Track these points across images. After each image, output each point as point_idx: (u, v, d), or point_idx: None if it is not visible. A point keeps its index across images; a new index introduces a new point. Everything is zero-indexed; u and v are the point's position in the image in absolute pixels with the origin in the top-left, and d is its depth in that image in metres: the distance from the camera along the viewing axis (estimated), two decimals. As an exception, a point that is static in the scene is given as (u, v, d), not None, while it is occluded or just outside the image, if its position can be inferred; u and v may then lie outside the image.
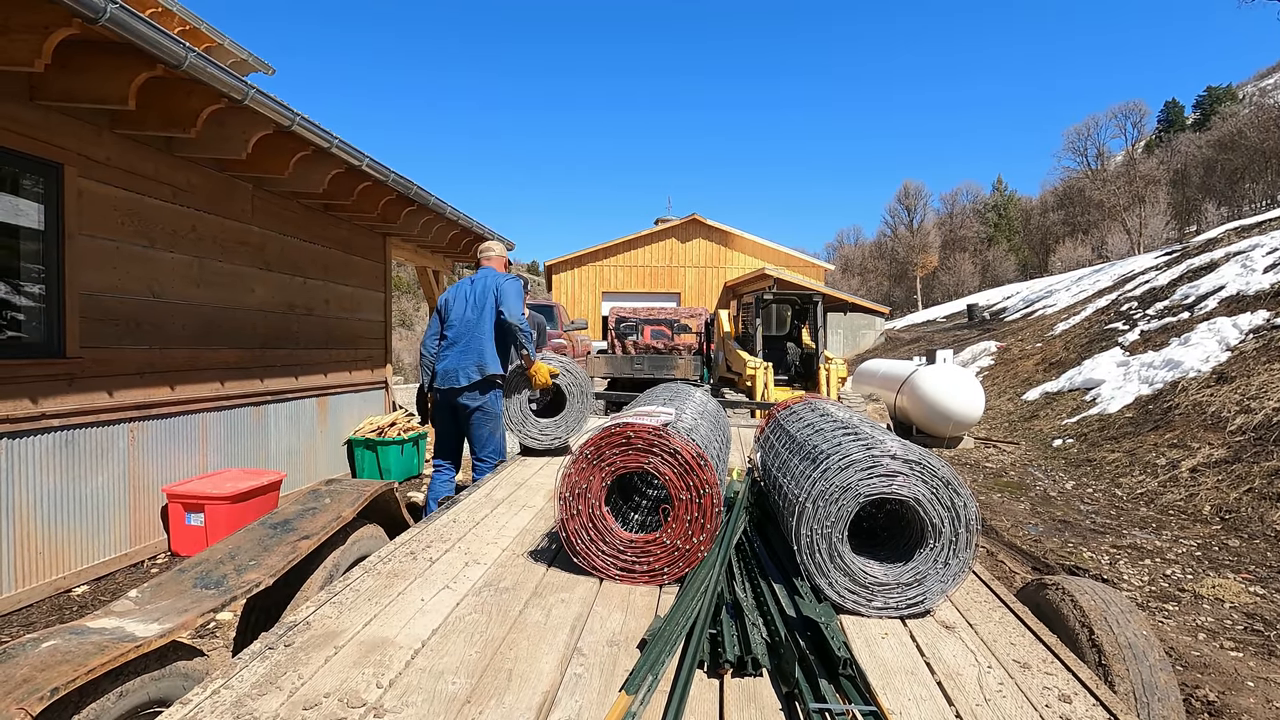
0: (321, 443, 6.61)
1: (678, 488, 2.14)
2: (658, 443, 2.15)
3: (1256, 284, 10.81)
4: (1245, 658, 3.44)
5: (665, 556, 2.14)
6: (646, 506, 2.56)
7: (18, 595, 3.64)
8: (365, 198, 6.17)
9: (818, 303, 10.68)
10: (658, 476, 2.17)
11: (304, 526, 2.30)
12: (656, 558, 2.15)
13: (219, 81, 3.80)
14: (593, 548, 2.20)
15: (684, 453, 2.13)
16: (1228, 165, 40.64)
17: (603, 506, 2.20)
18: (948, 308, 38.72)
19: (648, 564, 2.16)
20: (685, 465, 2.13)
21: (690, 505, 2.12)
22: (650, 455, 2.15)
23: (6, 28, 3.10)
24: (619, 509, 2.44)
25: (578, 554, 2.21)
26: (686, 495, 2.13)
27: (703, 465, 2.13)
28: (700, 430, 2.52)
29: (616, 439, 2.18)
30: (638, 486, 2.68)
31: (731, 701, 1.51)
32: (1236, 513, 5.73)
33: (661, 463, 2.14)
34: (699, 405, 3.06)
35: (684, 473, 2.14)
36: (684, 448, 2.14)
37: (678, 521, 2.14)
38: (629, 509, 2.50)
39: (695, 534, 2.13)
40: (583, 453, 2.21)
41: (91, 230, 4.04)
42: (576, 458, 2.21)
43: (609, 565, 2.19)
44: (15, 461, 3.63)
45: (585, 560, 2.20)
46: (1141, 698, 1.75)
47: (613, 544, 2.19)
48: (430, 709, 1.45)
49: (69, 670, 1.38)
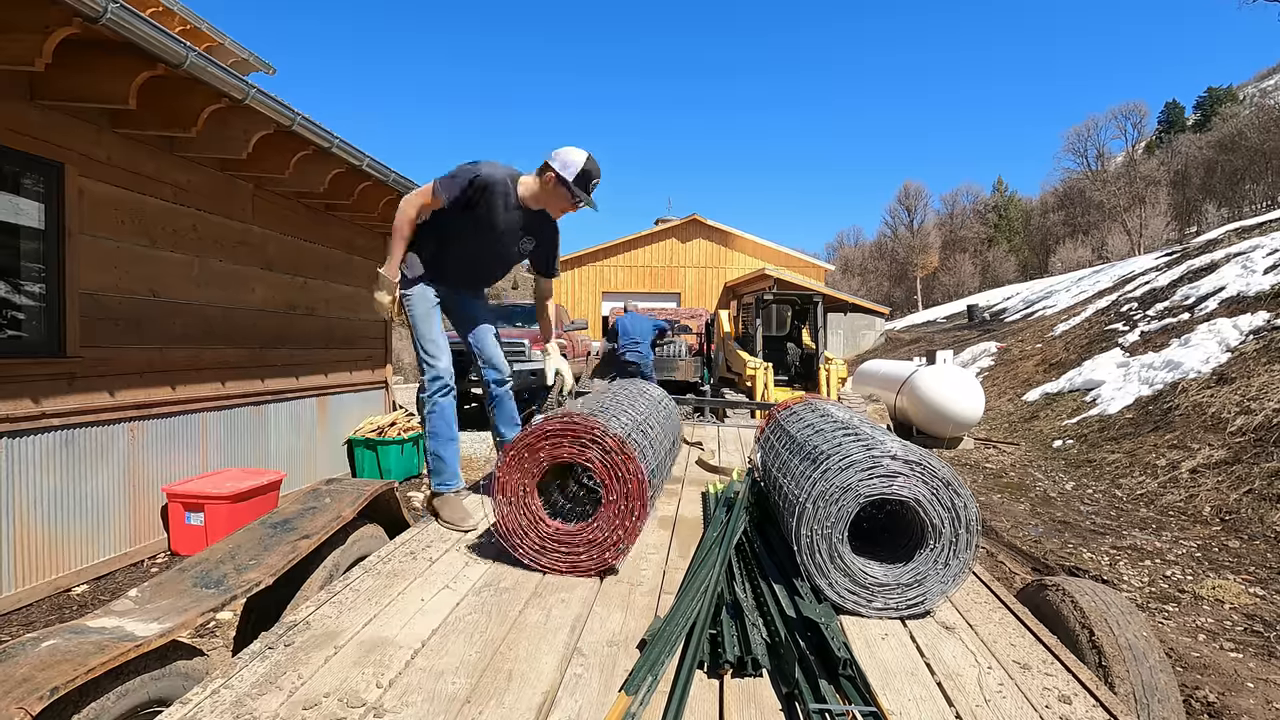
0: (321, 442, 6.61)
1: (606, 476, 2.20)
2: (584, 434, 2.21)
3: (1257, 285, 10.81)
4: (1245, 659, 3.44)
5: (596, 547, 2.21)
6: (588, 498, 2.67)
7: (18, 594, 3.64)
8: (366, 197, 6.17)
9: (818, 303, 10.68)
10: (588, 466, 2.23)
11: (304, 526, 2.30)
12: (589, 546, 2.23)
13: (220, 81, 3.80)
14: (525, 540, 2.26)
15: (607, 441, 2.19)
16: (1228, 166, 40.62)
17: (535, 498, 2.27)
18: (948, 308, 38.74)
19: (581, 553, 2.23)
20: (611, 454, 2.19)
21: (618, 493, 2.18)
22: (575, 445, 2.21)
23: (8, 27, 3.10)
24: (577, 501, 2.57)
25: (513, 546, 2.28)
26: (615, 484, 2.19)
27: (628, 453, 2.18)
28: (637, 421, 2.58)
29: (542, 433, 2.25)
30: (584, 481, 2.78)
31: (731, 702, 1.51)
32: (1236, 514, 5.73)
33: (592, 453, 2.20)
34: (646, 400, 3.09)
35: (611, 462, 2.20)
36: (604, 435, 2.19)
37: (608, 510, 2.20)
38: (588, 502, 2.61)
39: (626, 521, 2.19)
40: (510, 449, 2.28)
41: (92, 230, 4.04)
42: (506, 455, 2.28)
43: (542, 556, 2.26)
44: (15, 461, 3.63)
45: (522, 553, 2.27)
46: (1141, 699, 1.75)
47: (544, 535, 2.25)
48: (430, 709, 1.44)
49: (69, 669, 1.38)
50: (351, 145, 5.20)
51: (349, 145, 5.17)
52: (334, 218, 6.67)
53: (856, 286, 59.64)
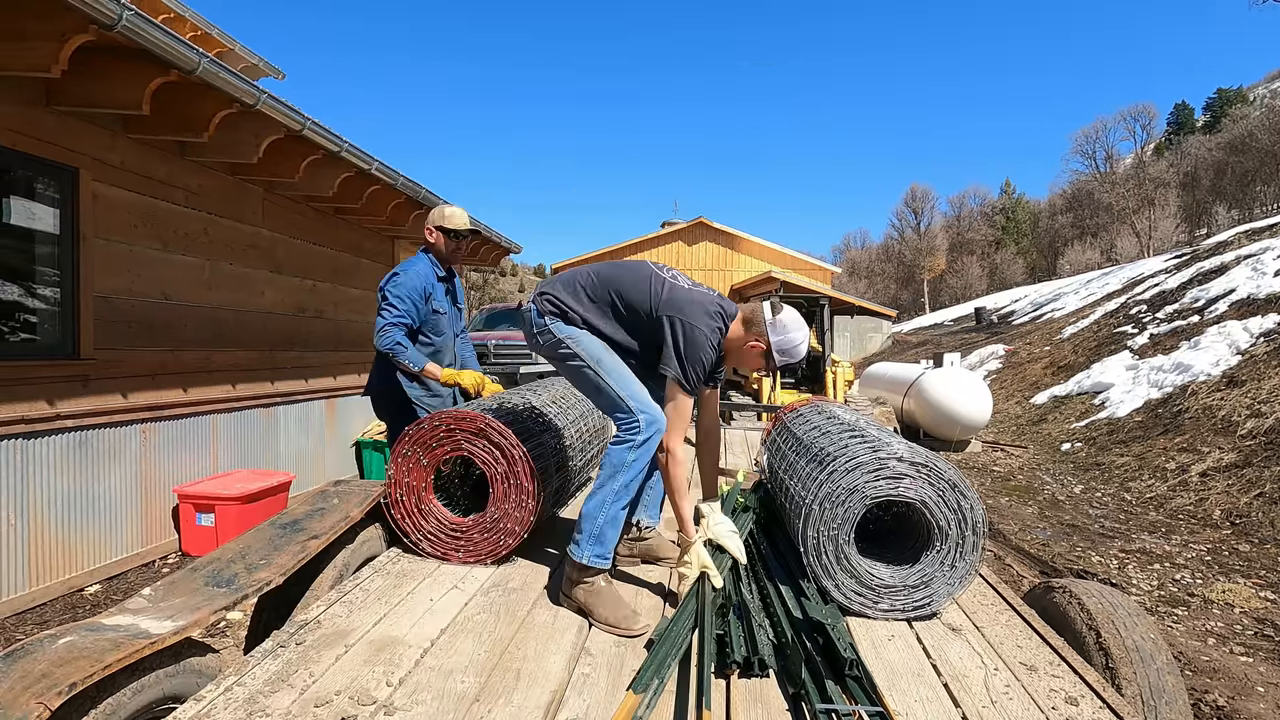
0: (330, 444, 6.65)
1: (492, 467, 2.27)
2: (457, 427, 2.30)
3: (1268, 287, 10.72)
4: (1255, 663, 3.42)
5: (494, 533, 2.31)
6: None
7: (32, 594, 3.68)
8: (374, 201, 6.21)
9: (824, 306, 10.66)
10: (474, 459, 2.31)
11: (313, 526, 2.32)
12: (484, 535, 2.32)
13: (231, 86, 3.84)
14: (433, 537, 2.36)
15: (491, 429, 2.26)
16: (1238, 168, 40.34)
17: (430, 494, 2.36)
18: (955, 311, 38.58)
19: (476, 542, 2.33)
20: (490, 441, 2.27)
21: (507, 483, 2.27)
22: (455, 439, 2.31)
23: (26, 34, 3.15)
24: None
25: (410, 539, 2.37)
26: (500, 468, 2.27)
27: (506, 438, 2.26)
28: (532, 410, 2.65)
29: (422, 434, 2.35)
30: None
31: (738, 702, 1.52)
32: (1247, 517, 5.69)
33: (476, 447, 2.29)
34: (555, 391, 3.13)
35: (492, 448, 2.28)
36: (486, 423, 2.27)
37: (499, 495, 2.28)
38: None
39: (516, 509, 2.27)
40: (399, 449, 2.37)
41: (106, 233, 4.09)
42: (394, 455, 2.38)
43: (440, 546, 2.35)
44: (31, 462, 3.67)
45: (417, 545, 2.37)
46: (1149, 701, 1.75)
47: (441, 527, 2.35)
48: (440, 707, 1.46)
49: (86, 666, 1.40)
50: (360, 149, 5.24)
51: (358, 149, 5.21)
52: (343, 221, 6.71)
53: (863, 289, 59.51)
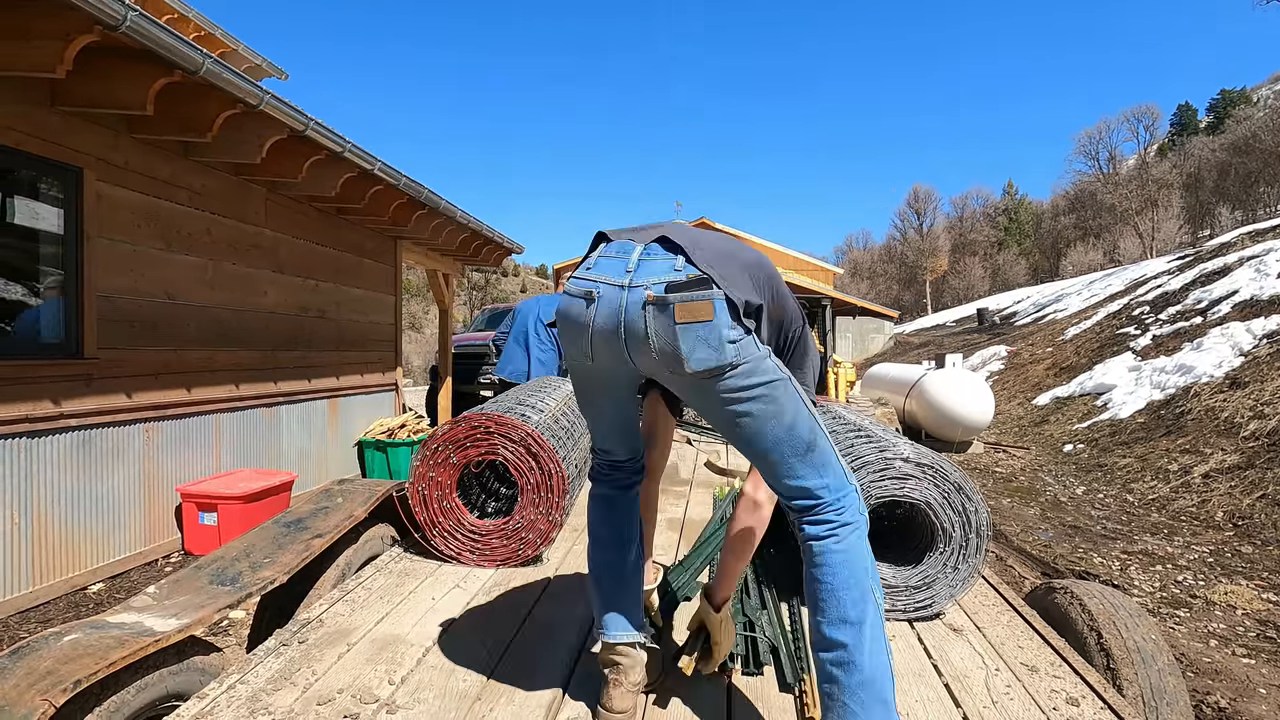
0: (333, 444, 6.66)
1: (525, 476, 2.25)
2: (496, 431, 2.26)
3: (1271, 288, 10.70)
4: (1257, 664, 3.41)
5: (513, 540, 2.29)
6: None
7: (35, 592, 3.70)
8: (377, 201, 6.22)
9: (826, 306, 10.64)
10: (504, 463, 2.28)
11: (316, 525, 2.33)
12: (504, 542, 2.30)
13: (235, 87, 3.85)
14: (449, 536, 2.34)
15: (531, 439, 2.24)
16: (1242, 169, 40.23)
17: (454, 493, 2.33)
18: (957, 312, 38.54)
19: (495, 548, 2.31)
20: (528, 450, 2.24)
21: (537, 494, 2.25)
22: (492, 442, 2.27)
23: (30, 34, 3.16)
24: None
25: (424, 537, 2.35)
26: (534, 479, 2.25)
27: (544, 450, 2.23)
28: (557, 419, 2.62)
29: (458, 433, 2.30)
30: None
31: (738, 700, 1.53)
32: (1249, 519, 5.68)
33: (508, 450, 2.26)
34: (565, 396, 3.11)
35: (528, 458, 2.24)
36: (527, 432, 2.24)
37: (526, 504, 2.25)
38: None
39: (541, 521, 2.25)
40: (425, 450, 2.34)
41: (109, 233, 4.10)
42: (421, 455, 2.34)
43: (455, 546, 2.33)
44: (34, 461, 3.68)
45: (430, 541, 2.34)
46: (1150, 702, 1.75)
47: (459, 527, 2.33)
48: (442, 705, 1.47)
49: (91, 663, 1.41)
50: (363, 150, 5.25)
51: (360, 150, 5.22)
52: (345, 221, 6.73)
53: (865, 290, 59.45)
